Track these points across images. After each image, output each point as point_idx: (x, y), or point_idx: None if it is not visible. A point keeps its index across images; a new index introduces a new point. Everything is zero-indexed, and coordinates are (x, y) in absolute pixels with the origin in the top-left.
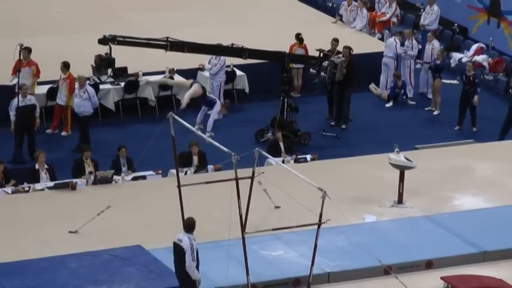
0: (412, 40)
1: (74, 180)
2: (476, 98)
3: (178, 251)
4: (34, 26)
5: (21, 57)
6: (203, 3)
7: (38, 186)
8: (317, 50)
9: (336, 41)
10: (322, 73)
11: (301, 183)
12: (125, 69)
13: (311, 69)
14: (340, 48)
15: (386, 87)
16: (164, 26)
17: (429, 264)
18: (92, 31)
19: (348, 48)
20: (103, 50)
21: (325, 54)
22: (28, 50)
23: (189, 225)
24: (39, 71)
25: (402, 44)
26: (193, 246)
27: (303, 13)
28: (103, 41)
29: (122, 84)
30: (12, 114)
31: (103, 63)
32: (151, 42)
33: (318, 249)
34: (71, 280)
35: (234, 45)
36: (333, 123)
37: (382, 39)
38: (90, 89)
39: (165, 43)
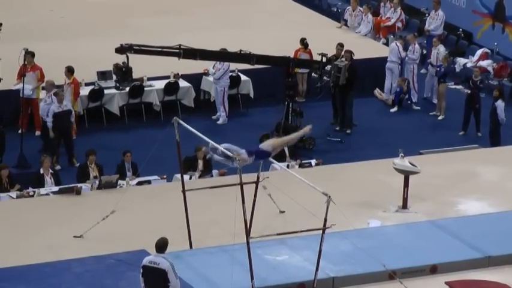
0: (414, 44)
1: (79, 185)
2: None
3: (156, 274)
4: (38, 31)
5: (26, 62)
6: (207, 8)
7: (42, 190)
8: (319, 54)
9: (340, 45)
10: (325, 77)
11: (306, 188)
12: (123, 73)
13: (313, 74)
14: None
15: (391, 92)
16: (167, 31)
17: (434, 269)
18: (96, 36)
19: (349, 52)
20: (105, 54)
21: (329, 59)
22: (31, 55)
23: (162, 246)
24: (43, 76)
25: (406, 48)
26: (173, 264)
27: (307, 18)
28: (120, 50)
29: (127, 89)
30: (49, 120)
31: (120, 72)
32: (165, 50)
33: (322, 253)
34: (75, 285)
35: (242, 52)
36: (337, 128)
37: (387, 44)
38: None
39: (178, 51)
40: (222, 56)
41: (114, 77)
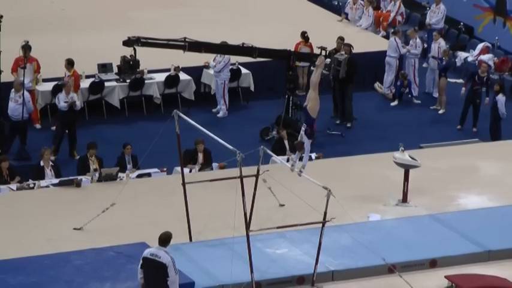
0: (416, 39)
1: (79, 177)
2: (487, 99)
3: (155, 267)
4: (39, 23)
5: (25, 54)
6: (208, 2)
7: (42, 183)
8: (319, 48)
9: (341, 39)
10: (324, 71)
11: (306, 182)
12: (130, 66)
13: (312, 67)
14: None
15: (390, 86)
16: (169, 24)
17: (433, 263)
18: (97, 29)
19: (348, 46)
20: (106, 47)
21: (329, 52)
22: (27, 47)
23: (165, 239)
24: (39, 67)
25: (407, 43)
26: (174, 259)
27: (308, 11)
28: (128, 42)
29: (127, 81)
30: (63, 106)
31: (127, 65)
32: (171, 43)
33: (322, 247)
34: (75, 277)
35: (244, 45)
36: (338, 122)
37: (386, 37)
38: (26, 94)
39: (183, 44)
40: (226, 49)
41: (116, 69)
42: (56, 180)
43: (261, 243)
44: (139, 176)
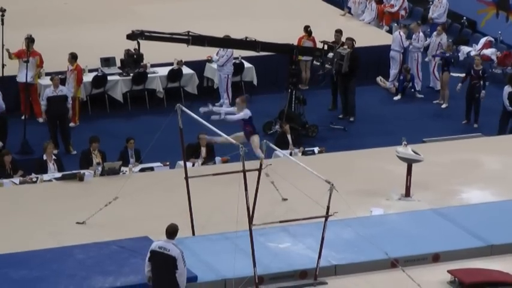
0: (419, 33)
1: (82, 171)
2: (483, 93)
3: (164, 260)
4: (42, 17)
5: (29, 48)
6: None
7: (45, 177)
8: (321, 42)
9: (339, 32)
10: (327, 65)
11: (309, 176)
12: (134, 60)
13: (314, 61)
14: (343, 40)
15: (394, 81)
16: (171, 18)
17: (436, 258)
18: (99, 22)
19: (351, 40)
20: (109, 41)
21: (330, 46)
22: (31, 40)
23: (172, 232)
24: (42, 61)
25: (410, 37)
26: (183, 252)
27: (311, 5)
28: (132, 36)
29: (131, 75)
30: (43, 103)
31: (131, 59)
32: (175, 36)
33: (325, 241)
34: (78, 271)
35: (247, 39)
36: (340, 116)
37: (389, 32)
38: None
39: (187, 37)
40: (229, 43)
41: (119, 63)
42: (59, 174)
43: (263, 238)
44: (142, 170)
